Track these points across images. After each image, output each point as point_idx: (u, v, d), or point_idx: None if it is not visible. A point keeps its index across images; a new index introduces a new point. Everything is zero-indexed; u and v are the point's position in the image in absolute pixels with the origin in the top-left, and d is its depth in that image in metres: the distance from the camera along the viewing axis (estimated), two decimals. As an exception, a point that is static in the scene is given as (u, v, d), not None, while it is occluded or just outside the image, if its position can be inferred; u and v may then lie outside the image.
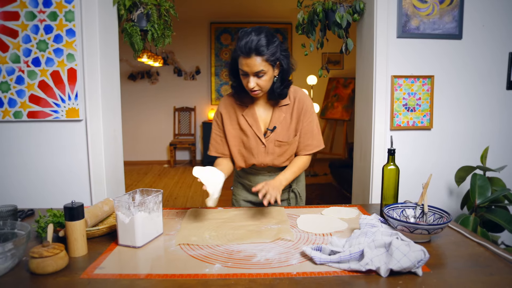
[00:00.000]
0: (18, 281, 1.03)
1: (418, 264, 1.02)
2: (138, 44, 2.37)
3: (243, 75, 1.53)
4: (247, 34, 1.47)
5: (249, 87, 1.53)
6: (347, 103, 6.51)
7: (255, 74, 1.50)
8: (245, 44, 1.45)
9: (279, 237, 1.31)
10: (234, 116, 1.70)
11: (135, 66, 7.20)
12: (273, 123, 1.67)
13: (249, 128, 1.68)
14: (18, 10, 2.09)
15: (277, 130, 1.67)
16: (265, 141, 1.67)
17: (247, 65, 1.48)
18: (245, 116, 1.68)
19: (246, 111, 1.69)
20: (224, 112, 1.71)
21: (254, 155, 1.69)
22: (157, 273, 1.07)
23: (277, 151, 1.69)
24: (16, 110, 2.15)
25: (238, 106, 1.70)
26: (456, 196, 2.53)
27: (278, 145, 1.68)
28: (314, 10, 2.51)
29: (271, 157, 1.70)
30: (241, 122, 1.68)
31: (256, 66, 1.48)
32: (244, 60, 1.48)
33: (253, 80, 1.51)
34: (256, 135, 1.67)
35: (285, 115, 1.68)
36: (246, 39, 1.45)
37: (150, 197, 1.30)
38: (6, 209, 1.42)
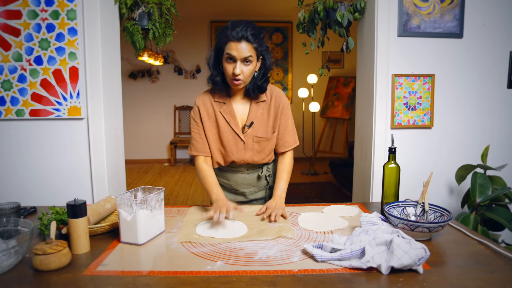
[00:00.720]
0: (21, 278, 1.04)
1: (419, 262, 1.03)
2: (139, 43, 2.38)
3: (230, 60, 1.55)
4: (238, 24, 1.53)
5: (235, 73, 1.54)
6: (348, 102, 6.51)
7: (243, 59, 1.54)
8: (237, 31, 1.50)
9: (281, 235, 1.32)
10: (212, 113, 1.70)
11: (135, 65, 7.21)
12: (250, 119, 1.68)
13: (227, 125, 1.68)
14: (20, 9, 2.10)
15: (255, 126, 1.68)
16: (244, 137, 1.68)
17: (237, 49, 1.52)
18: (222, 113, 1.68)
19: (223, 107, 1.69)
20: (202, 110, 1.70)
21: (233, 152, 1.69)
22: (160, 270, 1.07)
23: (256, 147, 1.70)
24: (18, 108, 2.16)
25: (215, 103, 1.70)
26: (457, 195, 2.54)
27: (257, 141, 1.69)
28: (315, 8, 2.52)
29: (250, 153, 1.70)
30: (219, 119, 1.68)
31: (245, 52, 1.52)
32: (234, 44, 1.52)
33: (239, 66, 1.54)
34: (235, 132, 1.68)
35: (262, 111, 1.70)
36: (238, 27, 1.51)
37: (152, 195, 1.31)
38: (9, 207, 1.43)
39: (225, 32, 1.53)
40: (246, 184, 1.81)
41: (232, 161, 1.72)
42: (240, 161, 1.72)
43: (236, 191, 1.83)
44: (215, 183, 1.64)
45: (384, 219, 1.42)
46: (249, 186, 1.81)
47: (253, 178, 1.80)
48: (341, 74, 7.07)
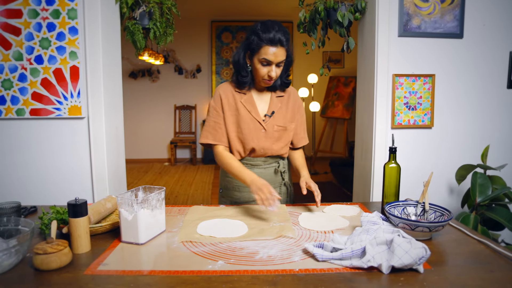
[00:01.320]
0: (22, 277, 1.04)
1: (419, 261, 1.03)
2: (140, 42, 2.38)
3: (266, 64, 1.62)
4: (271, 26, 1.59)
5: (271, 76, 1.64)
6: (348, 102, 6.51)
7: (277, 63, 1.62)
8: (273, 35, 1.56)
9: (281, 235, 1.32)
10: (233, 103, 1.76)
11: (136, 64, 7.21)
12: (271, 109, 1.77)
13: (247, 114, 1.74)
14: (21, 8, 2.10)
15: (275, 116, 1.77)
16: (265, 126, 1.75)
17: (274, 54, 1.59)
18: (243, 103, 1.75)
19: (244, 98, 1.76)
20: (224, 98, 1.76)
21: (254, 139, 1.74)
22: (160, 270, 1.07)
23: (275, 135, 1.77)
24: (18, 108, 2.16)
25: (236, 93, 1.77)
26: (457, 195, 2.54)
27: (277, 130, 1.76)
28: (315, 8, 2.52)
29: (270, 141, 1.76)
30: (240, 108, 1.74)
31: (281, 56, 1.61)
32: (271, 49, 1.58)
33: (275, 69, 1.63)
34: (256, 119, 1.74)
35: (281, 104, 1.80)
36: (273, 32, 1.57)
37: (153, 194, 1.31)
38: (10, 206, 1.43)
39: (258, 34, 1.59)
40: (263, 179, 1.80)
41: (252, 148, 1.75)
42: (260, 150, 1.75)
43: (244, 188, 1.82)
44: (243, 166, 1.65)
45: (385, 219, 1.42)
46: None
47: (270, 173, 1.83)
48: (341, 74, 7.07)
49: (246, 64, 1.70)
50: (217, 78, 7.46)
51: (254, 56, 1.64)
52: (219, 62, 7.43)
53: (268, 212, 1.58)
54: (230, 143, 1.77)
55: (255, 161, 1.80)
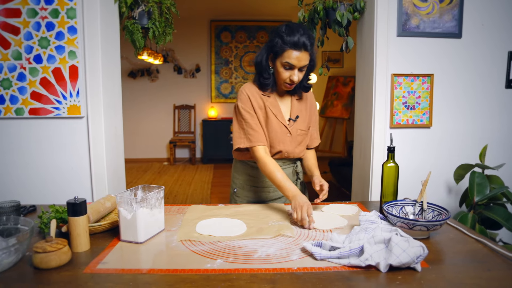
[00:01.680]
0: (22, 276, 1.05)
1: (417, 260, 1.04)
2: (139, 42, 2.38)
3: (288, 68, 1.60)
4: (295, 30, 1.56)
5: (294, 80, 1.62)
6: (347, 101, 6.52)
7: (300, 68, 1.60)
8: (298, 39, 1.54)
9: (280, 234, 1.32)
10: (261, 104, 1.73)
11: (135, 64, 7.21)
12: (294, 113, 1.77)
13: (274, 118, 1.73)
14: (20, 7, 2.10)
15: (298, 120, 1.77)
16: (290, 129, 1.75)
17: (297, 59, 1.57)
18: (269, 106, 1.73)
19: (269, 101, 1.74)
20: (252, 99, 1.72)
21: (280, 143, 1.73)
22: (160, 268, 1.08)
23: (298, 139, 1.78)
24: (17, 107, 2.16)
25: (262, 96, 1.74)
26: (455, 194, 2.55)
27: (300, 134, 1.78)
28: (314, 8, 2.52)
29: (294, 145, 1.77)
30: (268, 111, 1.73)
31: (304, 60, 1.58)
32: (295, 54, 1.56)
33: (297, 74, 1.61)
34: (282, 123, 1.74)
35: (301, 108, 1.80)
36: (298, 35, 1.54)
37: (152, 194, 1.31)
38: (9, 205, 1.44)
39: (282, 37, 1.56)
40: None
41: (278, 151, 1.75)
42: (285, 153, 1.76)
43: (269, 188, 1.83)
44: (286, 178, 1.60)
45: (383, 218, 1.42)
46: None
47: (288, 173, 1.83)
48: (340, 74, 7.08)
49: (269, 66, 1.67)
50: (216, 78, 7.46)
51: (277, 59, 1.61)
52: (218, 62, 7.43)
53: (267, 212, 1.59)
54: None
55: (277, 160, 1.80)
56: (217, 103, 7.53)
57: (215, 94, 7.51)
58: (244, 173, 1.87)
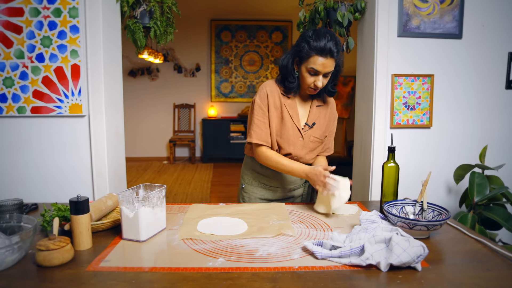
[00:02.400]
0: (25, 273, 1.05)
1: (417, 259, 1.04)
2: (140, 41, 2.39)
3: (313, 74, 1.59)
4: (323, 35, 1.54)
5: (318, 86, 1.61)
6: (347, 101, 6.53)
7: (325, 74, 1.59)
8: (324, 45, 1.53)
9: (281, 233, 1.33)
10: (278, 104, 1.72)
11: (135, 63, 7.21)
12: (311, 119, 1.75)
13: (290, 119, 1.71)
14: (22, 6, 2.11)
15: (314, 127, 1.75)
16: (304, 134, 1.73)
17: (323, 65, 1.56)
18: (287, 106, 1.72)
19: (288, 102, 1.72)
20: (270, 98, 1.71)
21: (291, 146, 1.72)
22: (161, 266, 1.09)
23: (310, 146, 1.76)
24: (19, 106, 2.17)
25: (282, 95, 1.73)
26: (455, 194, 2.56)
27: (312, 141, 1.75)
28: (315, 8, 2.53)
29: (305, 151, 1.75)
30: (284, 112, 1.71)
31: (329, 67, 1.57)
32: (320, 60, 1.55)
33: (322, 80, 1.60)
34: (296, 127, 1.72)
35: (320, 115, 1.77)
36: (324, 41, 1.53)
37: (153, 192, 1.32)
38: (12, 203, 1.44)
39: (309, 42, 1.55)
40: (289, 181, 1.83)
41: (288, 153, 1.73)
42: (294, 157, 1.74)
43: (277, 188, 1.84)
44: (292, 161, 1.66)
45: (383, 218, 1.43)
46: (291, 183, 1.84)
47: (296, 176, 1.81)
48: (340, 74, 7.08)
49: (294, 70, 1.66)
50: (216, 77, 7.47)
51: (302, 63, 1.60)
52: (218, 61, 7.44)
53: (268, 211, 1.59)
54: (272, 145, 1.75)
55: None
56: (217, 102, 7.54)
57: (215, 93, 7.52)
58: (252, 170, 1.88)
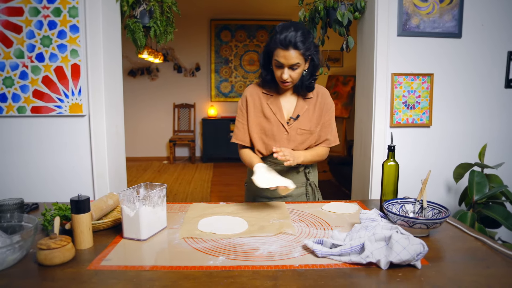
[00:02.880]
0: (26, 272, 1.06)
1: (417, 257, 1.05)
2: (140, 41, 2.39)
3: (278, 66, 1.62)
4: (286, 28, 1.57)
5: (283, 78, 1.63)
6: (347, 101, 6.53)
7: (290, 66, 1.60)
8: (284, 37, 1.55)
9: (281, 231, 1.34)
10: (258, 104, 1.77)
11: (135, 63, 7.21)
12: (296, 112, 1.76)
13: (272, 116, 1.75)
14: (22, 6, 2.11)
15: (300, 119, 1.76)
16: (288, 128, 1.75)
17: (284, 57, 1.58)
18: (269, 104, 1.76)
19: (271, 100, 1.77)
20: (250, 100, 1.78)
21: (275, 141, 1.75)
22: (162, 265, 1.09)
23: (298, 139, 1.76)
24: (19, 105, 2.17)
25: (263, 94, 1.78)
26: (454, 193, 2.56)
27: (300, 133, 1.76)
28: (315, 7, 2.53)
29: (293, 145, 1.76)
30: (265, 110, 1.76)
31: (292, 59, 1.58)
32: (282, 52, 1.57)
33: (287, 72, 1.62)
34: (280, 122, 1.75)
35: (308, 106, 1.78)
36: (286, 33, 1.55)
37: (154, 191, 1.32)
38: (12, 202, 1.44)
39: (275, 36, 1.58)
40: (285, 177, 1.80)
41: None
42: None
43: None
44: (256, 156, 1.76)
45: (383, 216, 1.44)
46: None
47: (292, 172, 1.83)
48: (340, 73, 7.09)
49: (268, 64, 1.70)
50: (216, 77, 7.47)
51: (272, 58, 1.64)
52: (218, 61, 7.44)
53: (268, 209, 1.60)
54: (254, 144, 1.80)
55: (277, 161, 1.79)
56: (217, 102, 7.54)
57: (215, 93, 7.52)
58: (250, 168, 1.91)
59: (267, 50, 1.66)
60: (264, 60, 1.71)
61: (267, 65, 1.71)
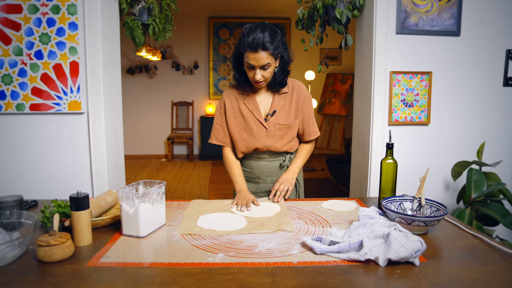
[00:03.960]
0: (26, 269, 1.06)
1: (415, 254, 1.05)
2: (139, 38, 2.39)
3: (250, 68, 1.64)
4: (252, 30, 1.58)
5: (256, 79, 1.65)
6: (345, 99, 6.54)
7: (261, 67, 1.62)
8: (252, 40, 1.56)
9: (280, 228, 1.34)
10: (236, 105, 1.81)
11: (133, 60, 7.19)
12: (273, 108, 1.79)
13: (250, 114, 1.79)
14: (21, 3, 2.11)
15: (277, 114, 1.78)
16: (266, 125, 1.78)
17: (254, 59, 1.60)
18: (246, 104, 1.80)
19: (247, 99, 1.80)
20: (227, 102, 1.83)
21: (256, 138, 1.79)
22: (161, 262, 1.09)
23: (278, 134, 1.79)
24: (18, 103, 2.17)
25: (240, 95, 1.82)
26: (453, 191, 2.57)
27: (279, 128, 1.79)
28: (314, 5, 2.53)
29: (273, 140, 1.79)
30: (243, 110, 1.79)
31: (262, 60, 1.60)
32: (252, 54, 1.59)
33: (259, 73, 1.64)
34: (258, 120, 1.78)
35: (284, 102, 1.80)
36: (253, 36, 1.56)
37: (153, 189, 1.32)
38: (12, 199, 1.45)
39: (243, 39, 1.60)
40: (268, 171, 1.87)
41: (256, 148, 1.80)
42: (263, 147, 1.80)
43: (259, 179, 1.89)
44: (240, 174, 1.82)
45: (382, 213, 1.44)
46: (271, 174, 1.88)
47: (275, 166, 1.87)
48: (338, 71, 7.09)
49: (240, 66, 1.73)
50: (214, 75, 7.46)
51: (243, 59, 1.66)
52: (216, 59, 7.43)
53: (267, 207, 1.60)
54: (235, 144, 1.84)
55: (260, 154, 1.85)
56: (215, 100, 7.54)
57: (213, 91, 7.51)
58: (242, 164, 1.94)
59: (237, 53, 1.68)
60: (236, 62, 1.73)
61: (239, 67, 1.74)
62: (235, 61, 1.73)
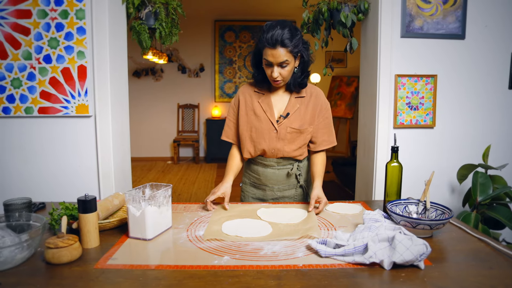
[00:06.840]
0: (34, 270, 1.07)
1: (420, 258, 1.06)
2: (146, 42, 2.41)
3: (268, 65, 1.63)
4: (272, 27, 1.57)
5: (273, 77, 1.63)
6: (350, 101, 6.53)
7: (279, 64, 1.60)
8: (271, 36, 1.55)
9: (307, 235, 1.31)
10: (250, 103, 1.79)
11: (139, 63, 7.24)
12: (287, 111, 1.75)
13: (263, 114, 1.75)
14: (30, 8, 2.14)
15: (290, 117, 1.74)
16: (278, 127, 1.74)
17: (272, 55, 1.58)
18: (260, 103, 1.77)
19: (262, 98, 1.78)
20: (241, 98, 1.81)
21: (265, 139, 1.75)
22: (168, 264, 1.11)
23: (288, 137, 1.74)
24: (27, 106, 2.20)
25: (255, 93, 1.80)
26: (458, 194, 2.56)
27: (289, 132, 1.74)
28: (319, 9, 2.54)
29: (282, 143, 1.75)
30: (256, 108, 1.77)
31: (280, 57, 1.58)
32: (270, 51, 1.58)
33: (276, 70, 1.62)
34: (269, 120, 1.75)
35: (300, 106, 1.76)
36: (272, 32, 1.55)
37: (160, 191, 1.34)
38: (21, 202, 1.46)
39: (263, 35, 1.58)
40: (275, 180, 1.83)
41: (263, 149, 1.76)
42: (271, 150, 1.75)
43: (265, 187, 1.85)
44: (232, 169, 1.81)
45: (386, 217, 1.44)
46: (278, 183, 1.84)
47: (282, 174, 1.82)
48: (344, 74, 7.09)
49: (257, 64, 1.73)
50: (220, 77, 7.49)
51: (262, 57, 1.64)
52: (222, 62, 7.46)
53: (292, 213, 1.58)
54: (242, 143, 1.80)
55: (268, 161, 1.80)
56: (220, 103, 7.56)
57: (219, 94, 7.54)
58: (245, 167, 1.94)
59: (257, 50, 1.68)
60: (255, 60, 1.73)
61: (258, 64, 1.73)
62: (254, 59, 1.72)
